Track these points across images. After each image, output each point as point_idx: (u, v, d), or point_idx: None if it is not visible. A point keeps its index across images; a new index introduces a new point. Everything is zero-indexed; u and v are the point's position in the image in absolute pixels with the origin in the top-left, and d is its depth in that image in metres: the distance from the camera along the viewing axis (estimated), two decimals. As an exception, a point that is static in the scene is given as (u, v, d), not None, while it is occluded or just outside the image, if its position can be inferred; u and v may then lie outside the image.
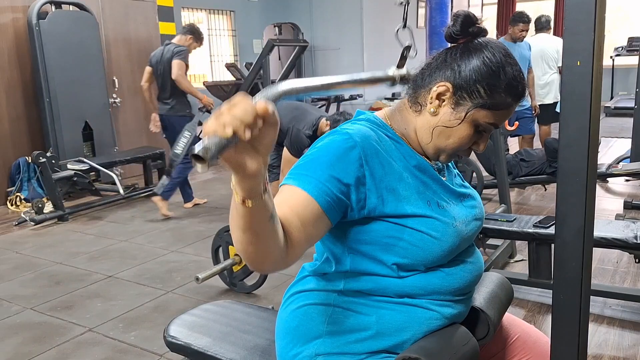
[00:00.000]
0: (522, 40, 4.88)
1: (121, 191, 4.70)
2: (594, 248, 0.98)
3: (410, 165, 1.05)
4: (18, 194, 4.90)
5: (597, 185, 0.96)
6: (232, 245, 0.92)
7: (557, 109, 5.46)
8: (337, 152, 0.98)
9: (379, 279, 1.03)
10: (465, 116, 1.01)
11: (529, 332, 1.28)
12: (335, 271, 1.07)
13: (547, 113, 5.30)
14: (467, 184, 1.20)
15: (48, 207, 4.45)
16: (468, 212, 1.10)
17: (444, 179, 1.11)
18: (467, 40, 1.04)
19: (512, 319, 1.31)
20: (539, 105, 5.23)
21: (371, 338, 1.03)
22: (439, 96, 1.03)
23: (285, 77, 7.63)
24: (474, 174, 4.27)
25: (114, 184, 4.76)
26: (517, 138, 5.55)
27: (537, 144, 5.44)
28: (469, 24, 1.02)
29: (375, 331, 1.03)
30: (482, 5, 12.66)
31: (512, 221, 2.59)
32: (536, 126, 5.38)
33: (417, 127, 1.07)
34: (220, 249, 2.88)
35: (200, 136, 0.69)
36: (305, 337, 1.07)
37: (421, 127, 1.06)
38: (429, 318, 1.04)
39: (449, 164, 1.18)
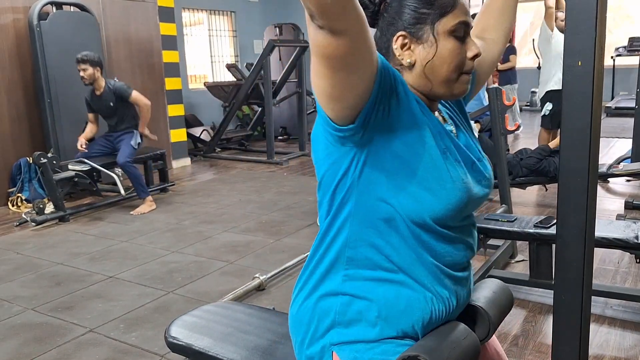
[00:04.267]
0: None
1: (122, 192, 4.70)
2: (595, 248, 0.97)
3: (425, 116, 1.05)
4: (19, 194, 4.90)
5: (597, 186, 0.95)
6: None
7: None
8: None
9: (381, 248, 1.02)
10: (434, 36, 1.03)
11: None
12: (333, 239, 1.06)
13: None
14: (479, 146, 1.19)
15: (49, 208, 4.46)
16: (478, 175, 1.11)
17: (455, 138, 1.11)
18: (383, 6, 1.08)
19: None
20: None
21: (381, 322, 1.03)
22: (403, 47, 1.05)
23: (285, 77, 7.63)
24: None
25: (115, 184, 4.77)
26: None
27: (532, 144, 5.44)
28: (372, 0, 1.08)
29: (384, 316, 1.03)
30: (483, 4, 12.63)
31: (512, 221, 2.59)
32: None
33: (413, 86, 1.07)
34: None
35: None
36: (318, 329, 1.08)
37: (415, 82, 1.06)
38: (430, 298, 1.04)
39: (463, 126, 1.18)
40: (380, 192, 1.00)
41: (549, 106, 5.14)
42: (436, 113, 1.13)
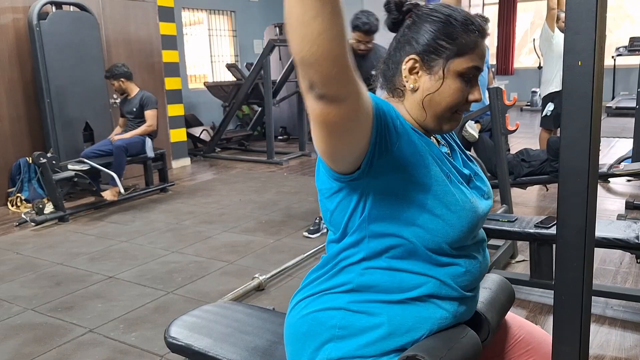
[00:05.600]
0: None
1: (122, 190, 4.70)
2: (595, 248, 0.97)
3: (423, 143, 1.04)
4: (19, 194, 4.90)
5: (598, 186, 0.95)
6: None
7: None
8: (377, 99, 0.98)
9: (395, 277, 1.02)
10: (443, 73, 1.02)
11: (534, 332, 1.28)
12: (346, 267, 1.06)
13: None
14: (472, 161, 1.20)
15: (49, 208, 4.45)
16: (478, 191, 1.12)
17: (451, 159, 1.12)
18: (408, 17, 1.08)
19: (517, 319, 1.30)
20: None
21: (382, 339, 1.02)
22: (411, 71, 1.05)
23: (285, 77, 7.63)
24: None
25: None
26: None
27: (533, 145, 5.43)
28: (401, 5, 1.07)
29: (387, 332, 1.02)
30: (484, 5, 12.66)
31: (513, 221, 2.58)
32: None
33: (408, 111, 1.07)
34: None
35: None
36: (316, 342, 1.06)
37: (411, 108, 1.06)
38: (439, 317, 1.04)
39: (453, 144, 1.18)
40: (391, 226, 1.00)
41: (550, 107, 5.12)
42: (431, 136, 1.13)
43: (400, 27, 1.08)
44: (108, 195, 4.71)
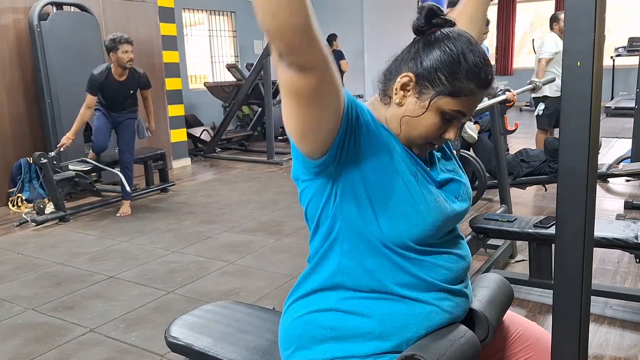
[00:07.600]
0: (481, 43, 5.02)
1: (128, 189, 4.68)
2: (594, 248, 0.98)
3: (396, 144, 1.06)
4: (19, 194, 4.91)
5: (597, 186, 0.96)
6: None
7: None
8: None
9: (374, 272, 1.04)
10: (429, 105, 1.03)
11: (532, 329, 1.28)
12: (326, 263, 1.07)
13: None
14: (454, 165, 1.20)
15: (49, 208, 4.46)
16: (454, 191, 1.13)
17: (427, 167, 1.12)
18: (432, 31, 1.06)
19: (515, 316, 1.31)
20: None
21: (376, 339, 1.03)
22: (403, 87, 1.05)
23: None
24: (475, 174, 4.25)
25: (116, 184, 4.75)
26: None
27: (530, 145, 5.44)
28: (432, 16, 1.05)
29: (379, 332, 1.03)
30: (483, 5, 12.63)
31: (512, 221, 2.59)
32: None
33: (387, 119, 1.08)
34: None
35: None
36: (310, 343, 1.08)
37: (391, 119, 1.08)
38: (429, 312, 1.05)
39: (434, 153, 1.19)
40: (361, 220, 1.02)
41: (541, 106, 5.26)
42: None
43: (422, 35, 1.07)
44: (126, 209, 4.61)
